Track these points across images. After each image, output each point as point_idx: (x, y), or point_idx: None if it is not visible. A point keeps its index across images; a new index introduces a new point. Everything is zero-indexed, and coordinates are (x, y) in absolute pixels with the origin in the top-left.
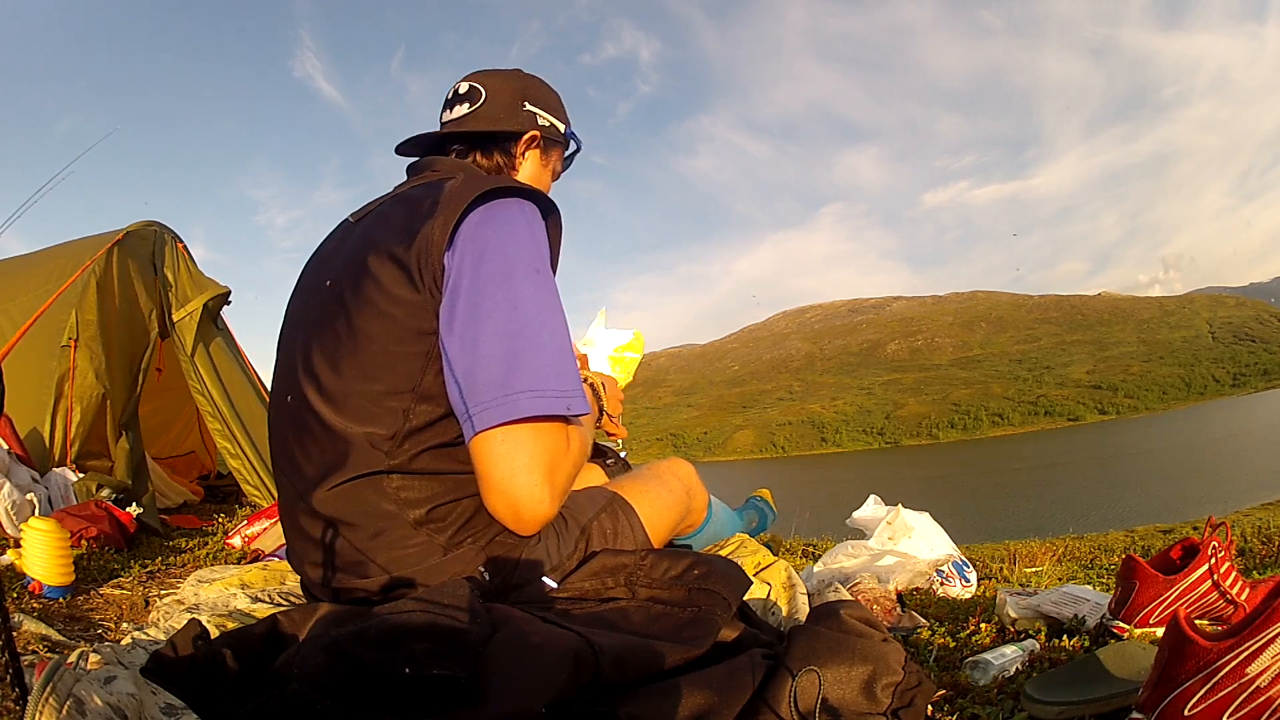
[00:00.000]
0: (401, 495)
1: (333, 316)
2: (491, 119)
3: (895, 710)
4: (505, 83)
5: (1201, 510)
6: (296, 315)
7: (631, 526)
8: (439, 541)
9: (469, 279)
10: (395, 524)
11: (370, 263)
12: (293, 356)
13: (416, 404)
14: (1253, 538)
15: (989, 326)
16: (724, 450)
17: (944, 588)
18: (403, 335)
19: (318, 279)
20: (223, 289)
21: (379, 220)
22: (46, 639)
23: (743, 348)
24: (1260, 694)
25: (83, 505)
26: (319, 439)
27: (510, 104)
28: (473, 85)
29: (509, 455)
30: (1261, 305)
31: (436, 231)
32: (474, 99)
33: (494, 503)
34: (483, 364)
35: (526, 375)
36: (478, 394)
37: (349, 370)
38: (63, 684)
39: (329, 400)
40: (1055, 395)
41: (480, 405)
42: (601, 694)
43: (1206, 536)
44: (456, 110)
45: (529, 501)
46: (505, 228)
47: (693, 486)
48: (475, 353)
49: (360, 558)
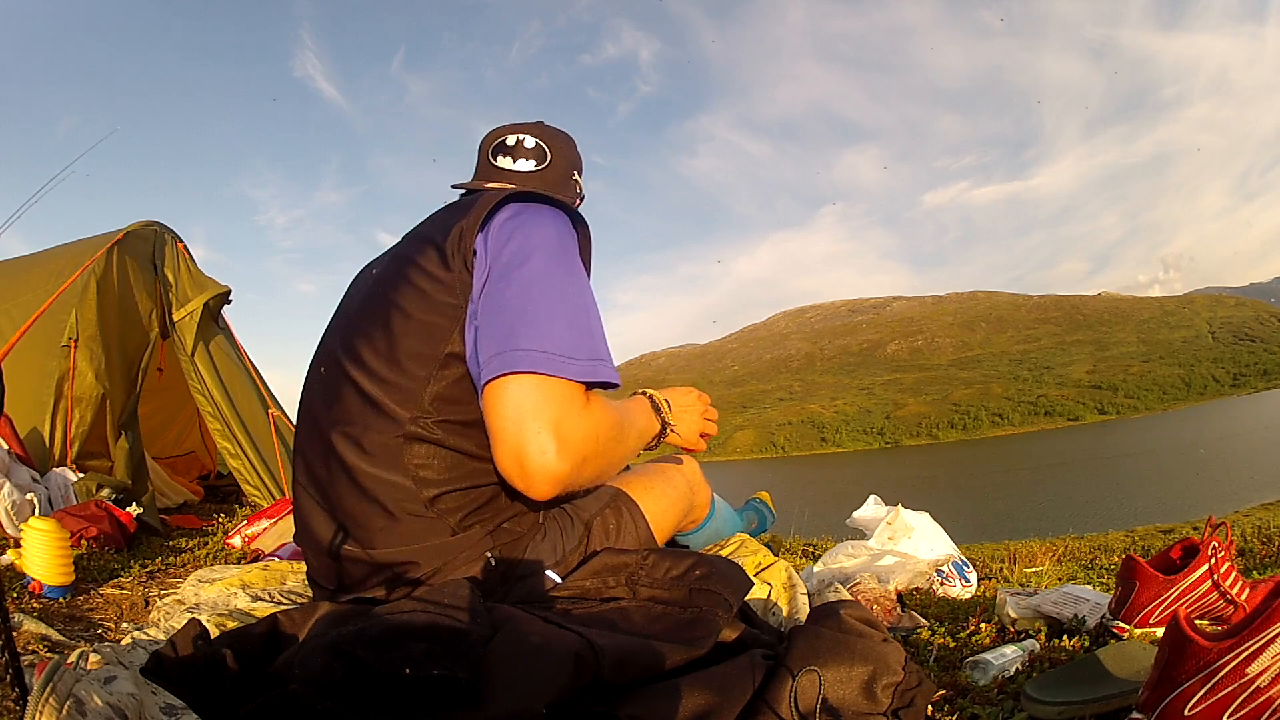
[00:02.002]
0: (420, 472)
1: (373, 297)
2: (551, 185)
3: (895, 710)
4: (566, 150)
5: (1201, 510)
6: (341, 308)
7: (635, 523)
8: (448, 522)
9: (494, 258)
10: (409, 499)
11: (411, 252)
12: (333, 338)
13: (438, 370)
14: (1253, 538)
15: (989, 326)
16: (724, 450)
17: (944, 588)
18: (432, 306)
19: (365, 272)
20: (223, 288)
21: (427, 224)
22: (46, 639)
23: (743, 348)
24: (1260, 694)
25: (83, 505)
26: (349, 401)
27: (566, 174)
28: (540, 144)
29: (513, 402)
30: (1261, 305)
31: (470, 220)
32: (540, 159)
33: (500, 456)
34: (494, 324)
35: (533, 335)
36: (485, 349)
37: (380, 338)
38: (63, 684)
39: (362, 366)
40: (1055, 395)
41: (487, 358)
42: (602, 694)
43: (1206, 536)
44: (520, 163)
45: (534, 452)
46: (532, 220)
47: (696, 483)
48: (489, 319)
49: (375, 527)
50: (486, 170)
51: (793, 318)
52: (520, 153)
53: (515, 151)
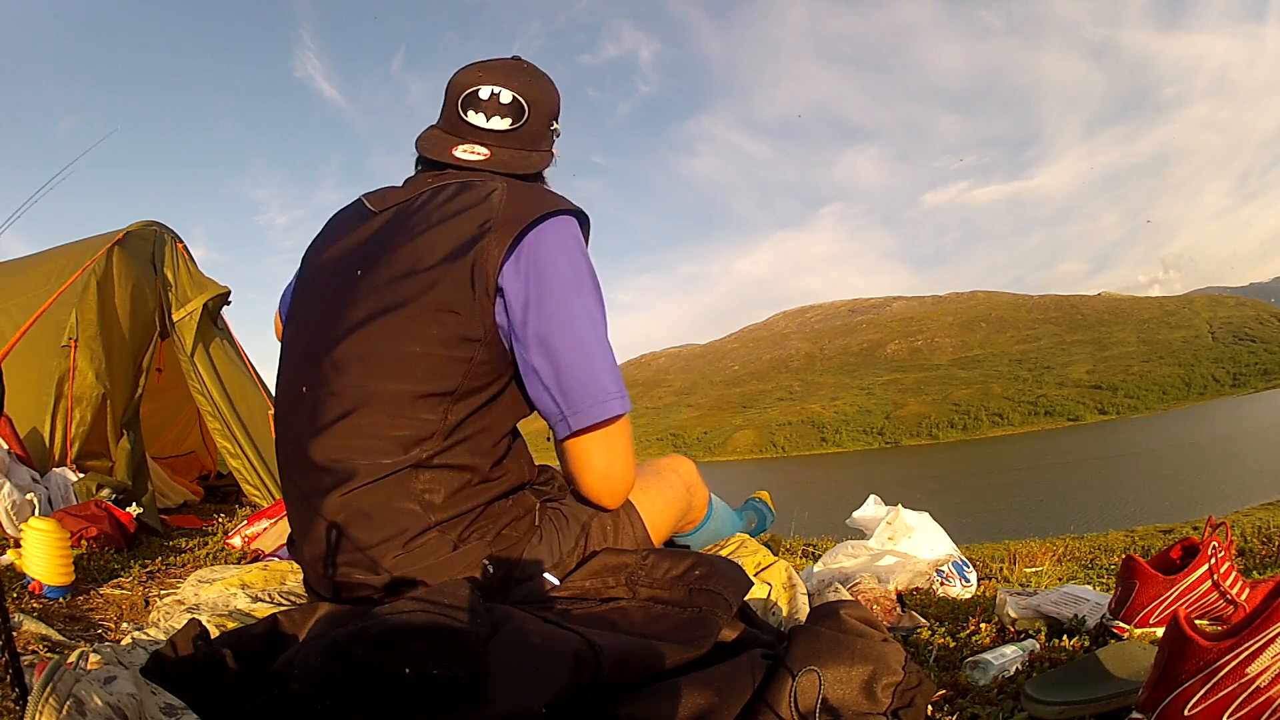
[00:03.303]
0: (425, 496)
1: (370, 314)
2: (530, 141)
3: (895, 710)
4: (544, 99)
5: (1201, 510)
6: (315, 303)
7: (632, 523)
8: (449, 538)
9: (536, 294)
10: (413, 522)
11: (419, 266)
12: (314, 348)
13: (454, 404)
14: (1253, 538)
15: (989, 326)
16: (724, 450)
17: (944, 588)
18: (449, 340)
19: (346, 269)
20: (223, 289)
21: (420, 218)
22: (46, 639)
23: (743, 348)
24: (1260, 694)
25: (83, 505)
26: (341, 436)
27: (545, 124)
28: (516, 100)
29: (609, 449)
30: (1261, 305)
31: (494, 247)
32: (517, 117)
33: (594, 488)
34: (568, 371)
35: (609, 379)
36: (572, 399)
37: (389, 370)
38: (63, 684)
39: (365, 400)
40: (1055, 395)
41: (576, 408)
42: (602, 694)
43: (1206, 536)
44: (495, 121)
45: (625, 484)
46: (560, 244)
47: (693, 484)
48: (558, 362)
49: (370, 554)
50: (457, 125)
51: (793, 318)
52: (494, 109)
53: (489, 107)
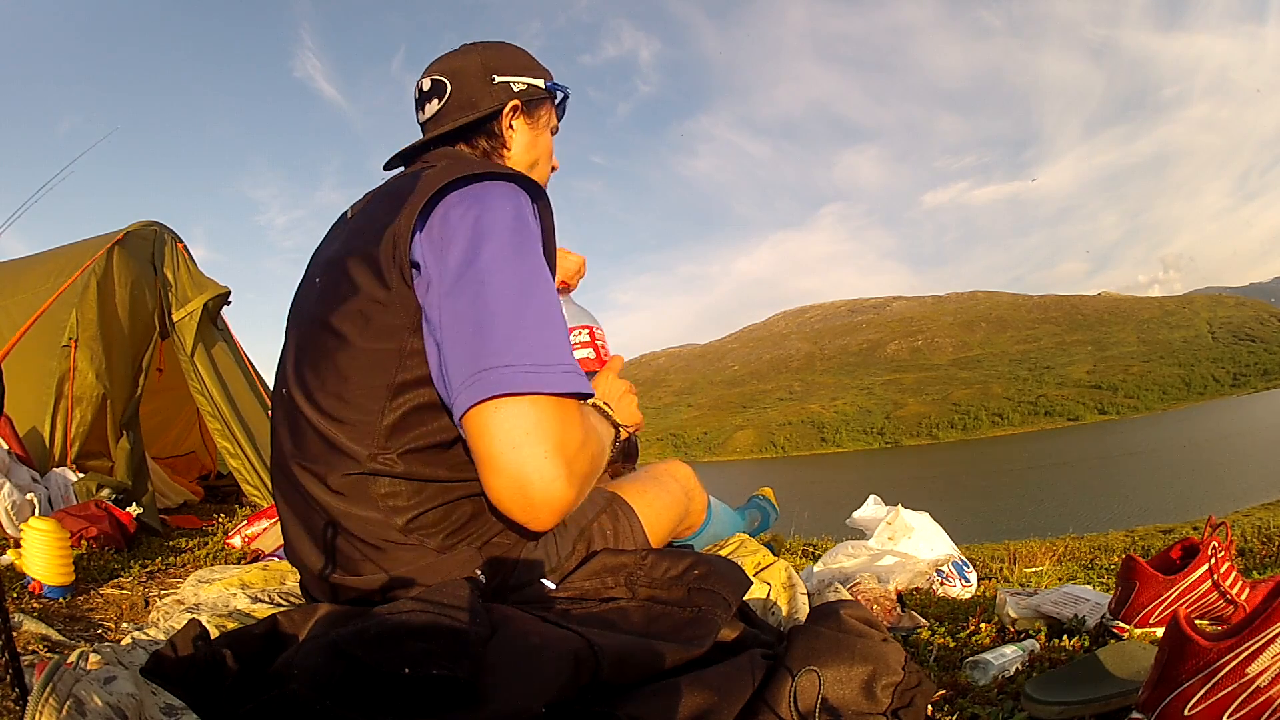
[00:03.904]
0: (389, 502)
1: (315, 317)
2: (464, 106)
3: (895, 710)
4: (466, 64)
5: (1201, 510)
6: (293, 310)
7: (631, 528)
8: (430, 546)
9: (441, 265)
10: (384, 529)
11: (347, 263)
12: (287, 352)
13: (390, 400)
14: (1253, 538)
15: (989, 326)
16: (724, 450)
17: (944, 588)
18: (376, 333)
19: (310, 275)
20: (223, 289)
21: (365, 217)
22: (46, 639)
23: (743, 348)
24: (1260, 694)
25: (83, 505)
26: (308, 439)
27: (479, 85)
28: (435, 79)
29: (503, 429)
30: (1261, 305)
31: (402, 223)
32: (440, 92)
33: (498, 486)
34: (458, 342)
35: (502, 348)
36: (455, 374)
37: (328, 371)
38: (63, 684)
39: (313, 403)
40: (1055, 395)
41: (459, 384)
42: (601, 694)
43: (1206, 536)
44: (428, 109)
45: (538, 478)
46: (477, 207)
47: (691, 489)
48: (451, 337)
49: (357, 557)
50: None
51: (793, 318)
52: (424, 99)
53: (421, 101)
